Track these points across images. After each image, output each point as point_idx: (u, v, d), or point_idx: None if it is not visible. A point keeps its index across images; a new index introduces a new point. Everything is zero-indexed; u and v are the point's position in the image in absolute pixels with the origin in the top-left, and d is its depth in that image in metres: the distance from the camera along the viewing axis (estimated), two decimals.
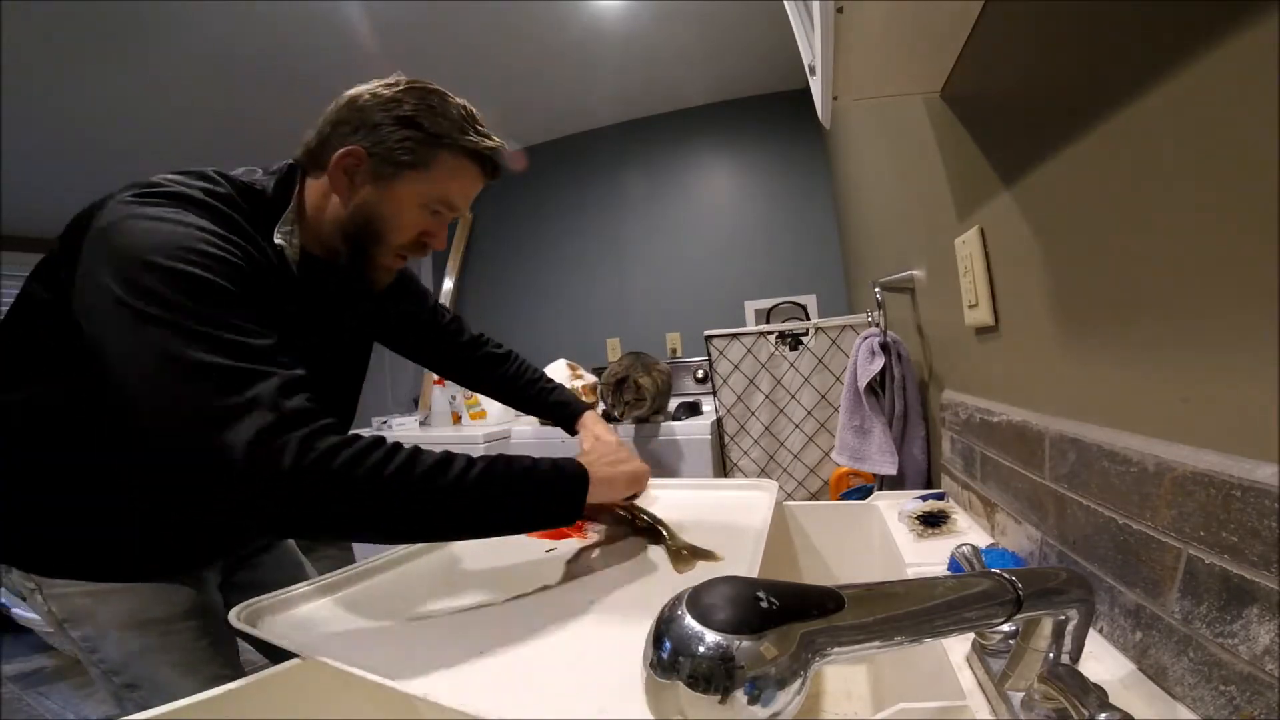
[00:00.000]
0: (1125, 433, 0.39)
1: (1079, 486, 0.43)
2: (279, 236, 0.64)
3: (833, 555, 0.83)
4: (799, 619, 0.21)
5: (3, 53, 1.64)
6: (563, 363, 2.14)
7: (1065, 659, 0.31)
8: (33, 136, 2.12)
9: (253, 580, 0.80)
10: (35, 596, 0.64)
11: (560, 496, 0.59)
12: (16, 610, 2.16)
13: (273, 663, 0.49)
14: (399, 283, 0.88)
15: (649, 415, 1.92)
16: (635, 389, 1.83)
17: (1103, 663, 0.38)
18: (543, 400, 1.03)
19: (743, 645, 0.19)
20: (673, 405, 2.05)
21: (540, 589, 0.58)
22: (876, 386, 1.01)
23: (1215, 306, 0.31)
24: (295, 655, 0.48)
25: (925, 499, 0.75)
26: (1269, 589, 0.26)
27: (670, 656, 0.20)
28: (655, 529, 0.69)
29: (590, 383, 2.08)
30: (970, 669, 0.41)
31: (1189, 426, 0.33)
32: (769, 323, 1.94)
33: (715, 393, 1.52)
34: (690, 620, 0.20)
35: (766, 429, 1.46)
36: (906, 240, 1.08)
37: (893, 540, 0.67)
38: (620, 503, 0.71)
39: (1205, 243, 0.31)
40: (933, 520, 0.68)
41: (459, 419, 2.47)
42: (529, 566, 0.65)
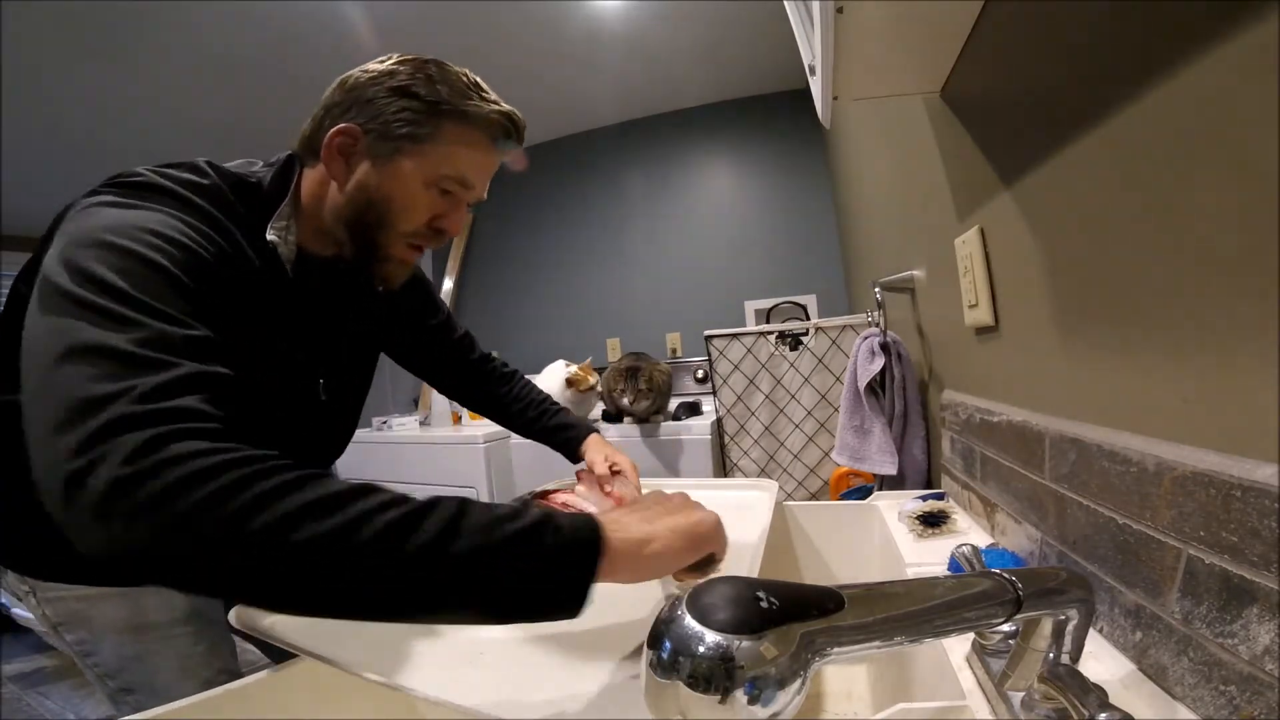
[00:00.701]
0: (1125, 433, 0.39)
1: (1079, 486, 0.43)
2: (272, 233, 0.58)
3: (833, 555, 0.83)
4: (799, 619, 0.21)
5: (3, 53, 1.64)
6: (561, 363, 2.13)
7: (1065, 659, 0.31)
8: (33, 137, 2.12)
9: None
10: (30, 599, 0.64)
11: (537, 575, 0.35)
12: (16, 610, 2.15)
13: (273, 661, 0.49)
14: (411, 284, 0.80)
15: (657, 410, 1.92)
16: (649, 377, 1.84)
17: (1103, 663, 0.38)
18: (543, 424, 0.95)
19: (743, 645, 0.19)
20: (673, 405, 2.04)
21: None
22: (876, 386, 1.01)
23: (1215, 306, 0.31)
24: (295, 655, 0.48)
25: (925, 499, 0.75)
26: (1269, 589, 0.26)
27: (670, 656, 0.20)
28: None
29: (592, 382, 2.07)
30: (970, 669, 0.41)
31: (1189, 426, 0.33)
32: (769, 323, 1.95)
33: (715, 393, 1.52)
34: (690, 620, 0.20)
35: (766, 429, 1.46)
36: (906, 240, 1.08)
37: (893, 540, 0.67)
38: (688, 575, 0.44)
39: (1205, 243, 0.31)
40: (933, 520, 0.68)
41: (459, 419, 2.47)
42: None
